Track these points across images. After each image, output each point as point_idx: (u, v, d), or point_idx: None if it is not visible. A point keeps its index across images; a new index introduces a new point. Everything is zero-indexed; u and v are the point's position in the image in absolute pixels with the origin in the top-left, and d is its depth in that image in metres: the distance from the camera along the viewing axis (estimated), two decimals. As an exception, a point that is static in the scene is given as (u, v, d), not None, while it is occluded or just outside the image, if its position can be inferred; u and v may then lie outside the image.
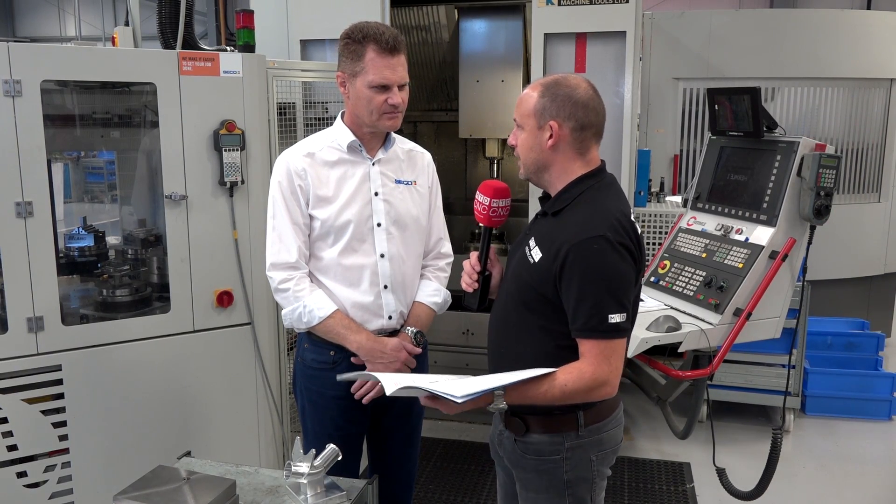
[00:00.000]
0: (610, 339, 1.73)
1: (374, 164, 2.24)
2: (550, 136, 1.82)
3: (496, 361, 1.97)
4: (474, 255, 2.04)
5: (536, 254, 1.83)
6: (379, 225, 2.23)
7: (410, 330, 2.30)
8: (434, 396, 1.69)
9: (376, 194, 2.23)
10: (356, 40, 2.11)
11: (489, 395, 1.68)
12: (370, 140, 2.24)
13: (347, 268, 2.21)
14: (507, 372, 1.77)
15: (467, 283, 2.04)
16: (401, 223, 2.26)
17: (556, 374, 1.73)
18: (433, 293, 2.36)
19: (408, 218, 2.27)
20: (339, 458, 1.87)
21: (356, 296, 2.22)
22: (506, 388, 1.70)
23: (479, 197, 2.01)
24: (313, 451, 1.84)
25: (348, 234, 2.19)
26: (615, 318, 1.72)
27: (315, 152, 2.22)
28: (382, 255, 2.23)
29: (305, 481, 1.81)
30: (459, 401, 1.62)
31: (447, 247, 2.44)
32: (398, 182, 2.27)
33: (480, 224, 2.05)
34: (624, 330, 1.75)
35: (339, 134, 2.24)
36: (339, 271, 2.22)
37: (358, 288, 2.22)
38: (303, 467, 1.81)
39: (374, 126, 2.19)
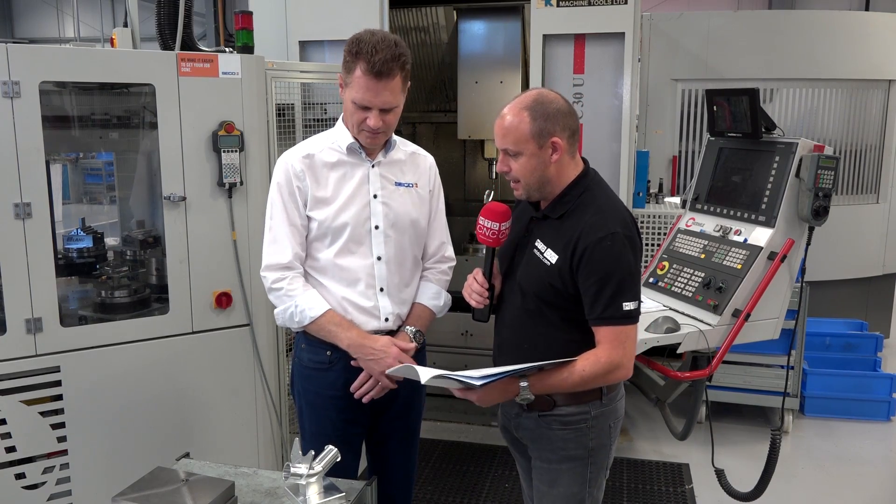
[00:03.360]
0: (623, 324, 1.89)
1: (373, 166, 2.24)
2: (554, 152, 1.93)
3: (518, 358, 2.03)
4: (479, 273, 2.10)
5: (551, 256, 1.94)
6: (377, 227, 2.22)
7: (410, 329, 2.30)
8: (467, 388, 1.85)
9: (375, 196, 2.23)
10: (352, 52, 2.08)
11: (516, 387, 1.87)
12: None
13: (344, 269, 2.21)
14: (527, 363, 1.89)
15: (478, 300, 2.08)
16: (399, 226, 2.25)
17: (575, 362, 1.88)
18: (434, 296, 2.36)
19: (406, 220, 2.27)
20: (339, 459, 1.88)
21: (352, 297, 2.22)
22: (530, 379, 1.87)
23: (486, 223, 2.05)
24: (312, 452, 1.84)
25: (345, 236, 2.20)
26: (629, 306, 1.88)
27: (314, 153, 2.22)
28: (379, 258, 2.23)
29: (304, 482, 1.81)
30: (478, 384, 1.76)
31: (450, 251, 2.45)
32: (398, 184, 2.27)
33: (485, 246, 2.10)
34: (636, 316, 1.91)
35: (339, 135, 2.24)
36: (335, 272, 2.22)
37: (354, 289, 2.22)
38: (302, 468, 1.82)
39: (356, 137, 2.20)
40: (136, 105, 3.15)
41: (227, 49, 3.08)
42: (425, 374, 1.86)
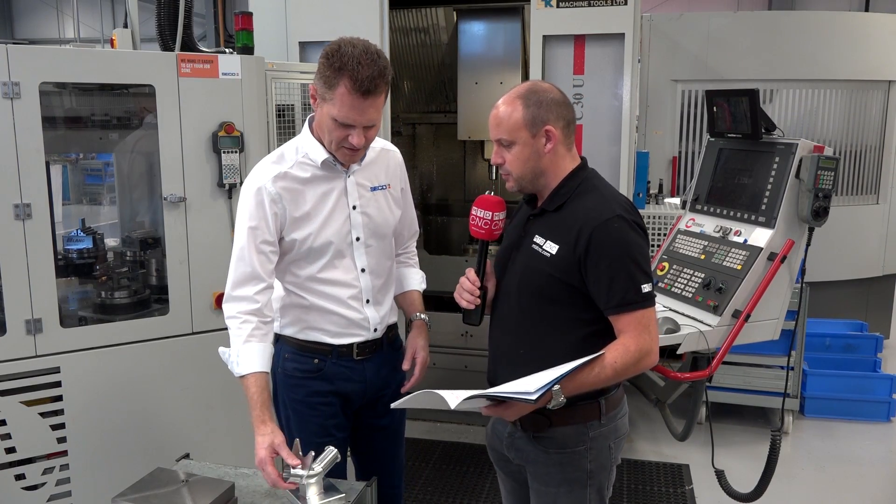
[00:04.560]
0: (645, 308, 1.81)
1: (349, 175, 2.15)
2: (548, 141, 1.87)
3: (512, 362, 1.97)
4: (471, 272, 2.02)
5: (550, 247, 1.87)
6: (358, 239, 2.17)
7: (423, 316, 2.29)
8: (495, 404, 1.73)
9: (354, 208, 2.15)
10: (333, 66, 1.92)
11: (548, 393, 1.72)
12: None
13: (328, 285, 2.16)
14: (550, 368, 1.79)
15: (469, 300, 2.01)
16: (379, 234, 2.20)
17: (604, 356, 1.79)
18: (421, 280, 2.40)
19: (385, 227, 2.22)
20: (339, 460, 1.87)
21: (341, 311, 2.17)
22: (561, 381, 1.73)
23: (479, 213, 2.00)
24: (312, 453, 1.84)
25: (329, 253, 2.13)
26: (646, 288, 1.81)
27: (287, 171, 2.08)
28: (363, 270, 2.18)
29: (304, 483, 1.81)
30: (534, 398, 1.65)
31: (416, 229, 2.47)
32: (373, 189, 2.20)
33: (479, 239, 2.04)
34: (654, 298, 1.84)
35: (310, 148, 2.10)
36: (320, 289, 2.16)
37: (341, 304, 2.17)
38: (301, 469, 1.82)
39: (332, 153, 2.09)
40: (135, 106, 3.16)
41: (227, 50, 3.08)
42: (453, 399, 1.65)
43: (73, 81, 2.89)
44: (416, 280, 2.39)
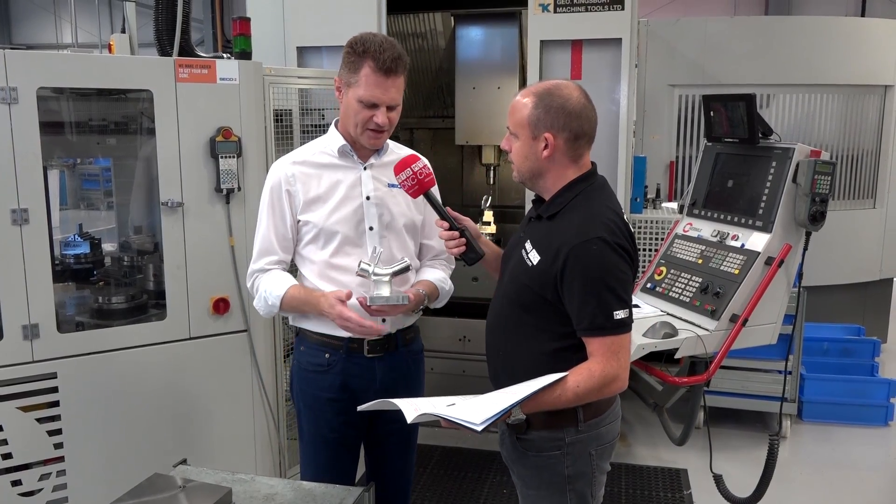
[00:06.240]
0: (616, 334, 1.79)
1: (365, 168, 2.25)
2: (546, 147, 1.86)
3: (495, 362, 2.01)
4: (442, 224, 2.08)
5: (534, 257, 1.87)
6: (371, 229, 2.23)
7: (422, 291, 2.23)
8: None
9: (368, 198, 2.23)
10: (357, 52, 2.11)
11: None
12: (363, 146, 2.24)
13: (341, 272, 2.21)
14: (516, 384, 1.79)
15: (453, 245, 2.06)
16: (394, 227, 2.26)
17: (567, 378, 1.78)
18: (442, 280, 2.34)
19: (401, 221, 2.27)
20: (409, 270, 2.15)
21: (350, 301, 2.19)
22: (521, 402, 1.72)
23: (401, 177, 2.09)
24: (381, 250, 2.14)
25: (338, 238, 2.20)
26: (620, 315, 1.78)
27: (306, 158, 2.25)
28: None
29: (374, 279, 2.06)
30: (479, 429, 1.64)
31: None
32: (392, 186, 2.26)
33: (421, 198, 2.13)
34: (628, 325, 1.81)
35: (331, 140, 2.26)
36: (332, 275, 2.21)
37: (352, 292, 2.20)
38: (372, 267, 2.08)
39: (357, 139, 2.21)
40: (133, 111, 3.16)
41: (224, 55, 3.08)
42: (410, 412, 1.69)
43: (70, 86, 2.89)
44: (436, 277, 2.33)
